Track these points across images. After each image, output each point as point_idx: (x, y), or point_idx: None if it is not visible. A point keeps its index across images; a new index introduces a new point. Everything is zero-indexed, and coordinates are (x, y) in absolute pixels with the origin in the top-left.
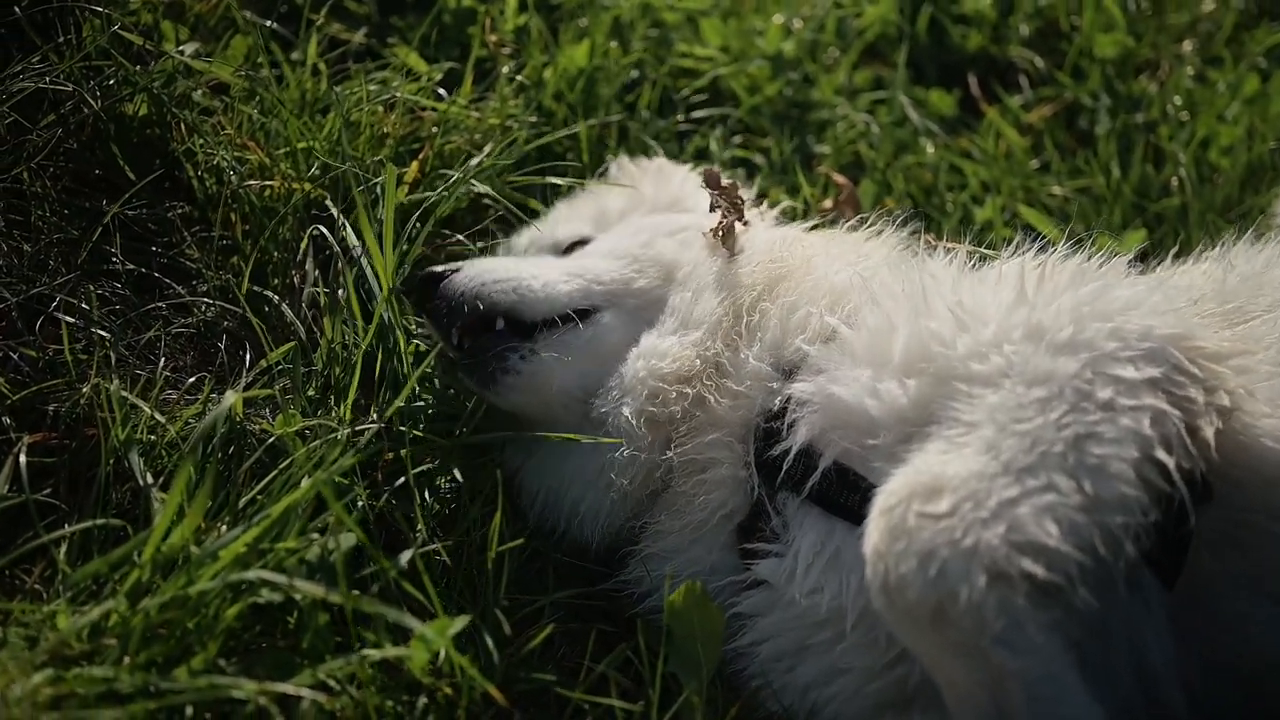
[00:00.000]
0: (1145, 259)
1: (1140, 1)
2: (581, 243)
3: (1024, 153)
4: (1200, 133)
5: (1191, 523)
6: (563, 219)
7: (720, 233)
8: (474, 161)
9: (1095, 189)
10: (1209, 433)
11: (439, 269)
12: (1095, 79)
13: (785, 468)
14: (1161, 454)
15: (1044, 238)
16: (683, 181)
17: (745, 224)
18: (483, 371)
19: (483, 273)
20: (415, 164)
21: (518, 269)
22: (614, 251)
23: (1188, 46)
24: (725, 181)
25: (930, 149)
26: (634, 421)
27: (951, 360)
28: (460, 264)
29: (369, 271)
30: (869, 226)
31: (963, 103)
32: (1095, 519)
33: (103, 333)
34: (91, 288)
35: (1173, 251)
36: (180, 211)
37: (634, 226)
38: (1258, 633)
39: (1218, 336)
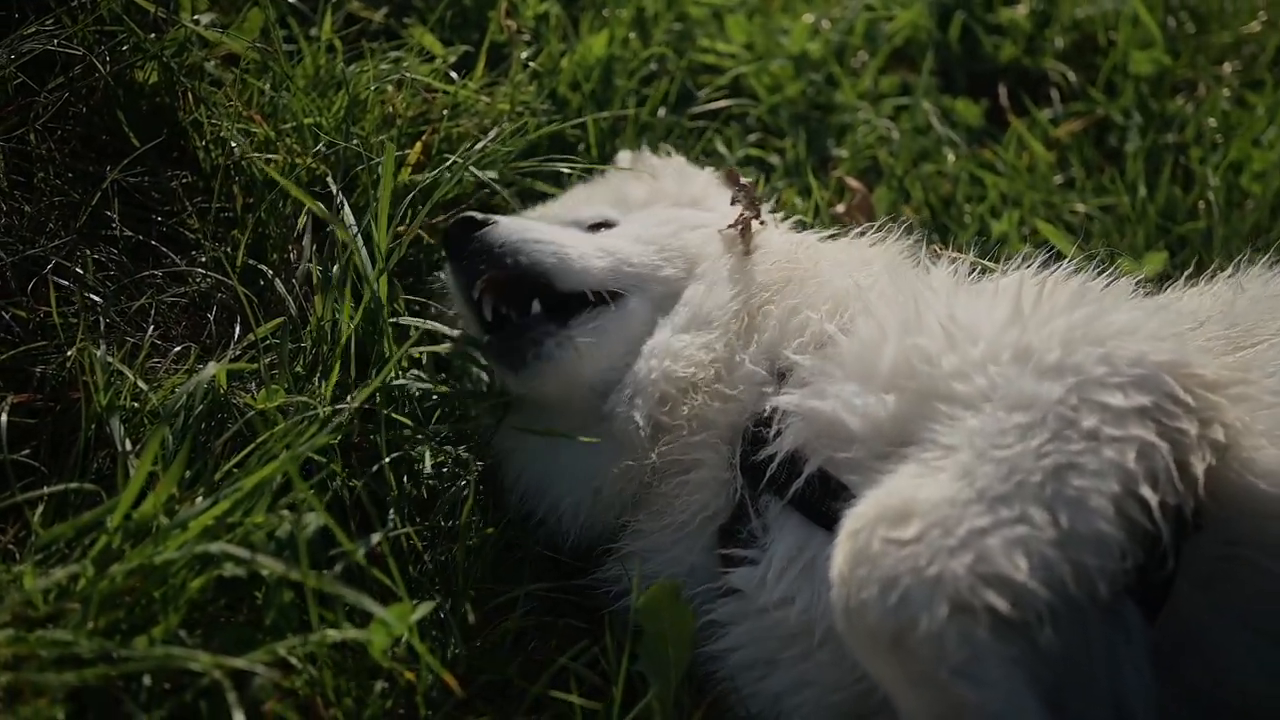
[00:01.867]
0: (1164, 282)
1: (1182, 19)
2: (605, 224)
3: (1048, 167)
4: (1233, 156)
5: (1170, 565)
6: (583, 199)
7: (739, 228)
8: (478, 146)
9: (1119, 208)
10: (1199, 469)
11: (478, 215)
12: (1128, 96)
13: (770, 472)
14: (1146, 490)
15: (1055, 252)
16: (705, 183)
17: (762, 223)
18: (514, 353)
19: (522, 229)
20: (419, 145)
21: (555, 233)
22: (642, 237)
23: (1228, 68)
24: (745, 180)
25: (951, 158)
26: (643, 427)
27: (935, 378)
28: (496, 217)
29: (361, 250)
30: (877, 232)
31: (990, 113)
32: (1068, 555)
33: (95, 297)
34: (88, 252)
35: (1185, 274)
36: (183, 181)
37: (660, 216)
38: (1240, 666)
39: (1217, 363)
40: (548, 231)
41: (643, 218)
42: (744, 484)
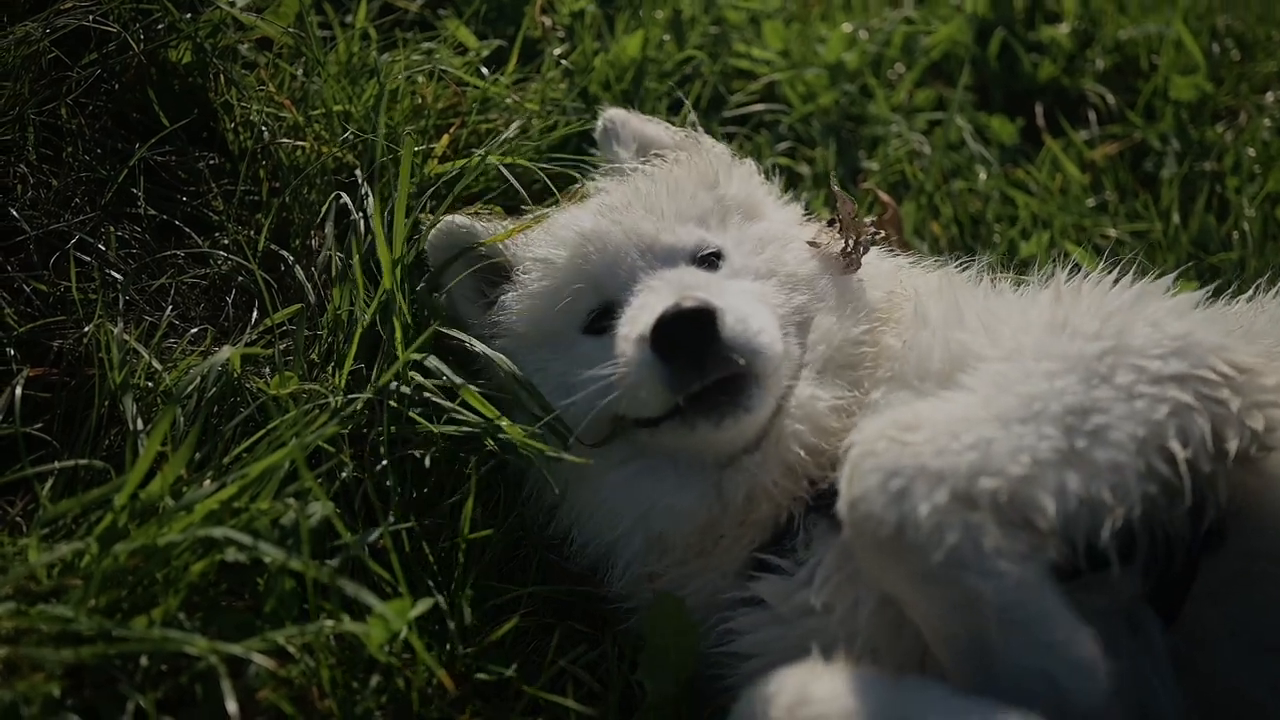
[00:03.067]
0: None
1: (1227, 46)
2: (715, 255)
3: (1082, 190)
4: (1270, 187)
5: (1180, 562)
6: (668, 219)
7: (846, 250)
8: (501, 140)
9: (1152, 234)
10: (1234, 445)
11: (710, 303)
12: (1168, 121)
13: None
14: (1175, 445)
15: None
16: (757, 184)
17: (866, 246)
18: (724, 409)
19: (743, 318)
20: (446, 138)
21: (761, 314)
22: (760, 272)
23: (1270, 98)
24: (847, 199)
25: (983, 176)
26: (767, 488)
27: (970, 349)
28: (716, 304)
29: (380, 239)
30: (964, 261)
31: (1025, 132)
32: (1080, 477)
33: (115, 274)
34: (112, 229)
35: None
36: (210, 163)
37: (753, 242)
38: (1247, 678)
39: (1262, 358)
40: (757, 314)
41: (741, 246)
42: (804, 510)
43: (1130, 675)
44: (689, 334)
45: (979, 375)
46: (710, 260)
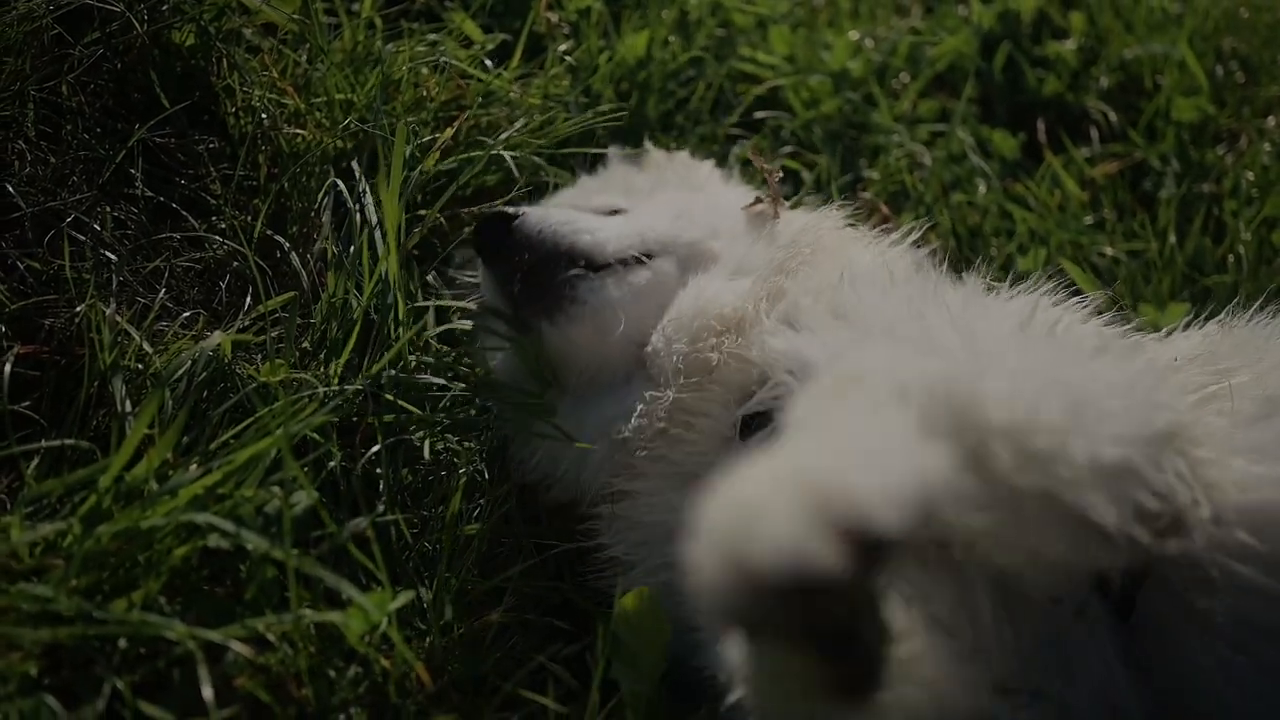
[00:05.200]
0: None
1: (1232, 69)
2: (617, 212)
3: (1080, 207)
4: (1267, 212)
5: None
6: (591, 191)
7: (771, 199)
8: (503, 136)
9: (1148, 254)
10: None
11: (510, 209)
12: (1169, 142)
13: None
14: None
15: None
16: (709, 173)
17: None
18: (548, 300)
19: (554, 215)
20: (449, 131)
21: (584, 217)
22: (658, 213)
23: (1272, 122)
24: (767, 165)
25: (983, 189)
26: (678, 359)
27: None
28: (523, 208)
29: (377, 229)
30: (901, 238)
31: (1026, 147)
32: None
33: (110, 255)
34: (108, 209)
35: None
36: (209, 146)
37: (670, 197)
38: (1209, 673)
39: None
40: (571, 215)
41: (653, 202)
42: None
43: (1084, 666)
44: (492, 233)
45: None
46: (612, 214)
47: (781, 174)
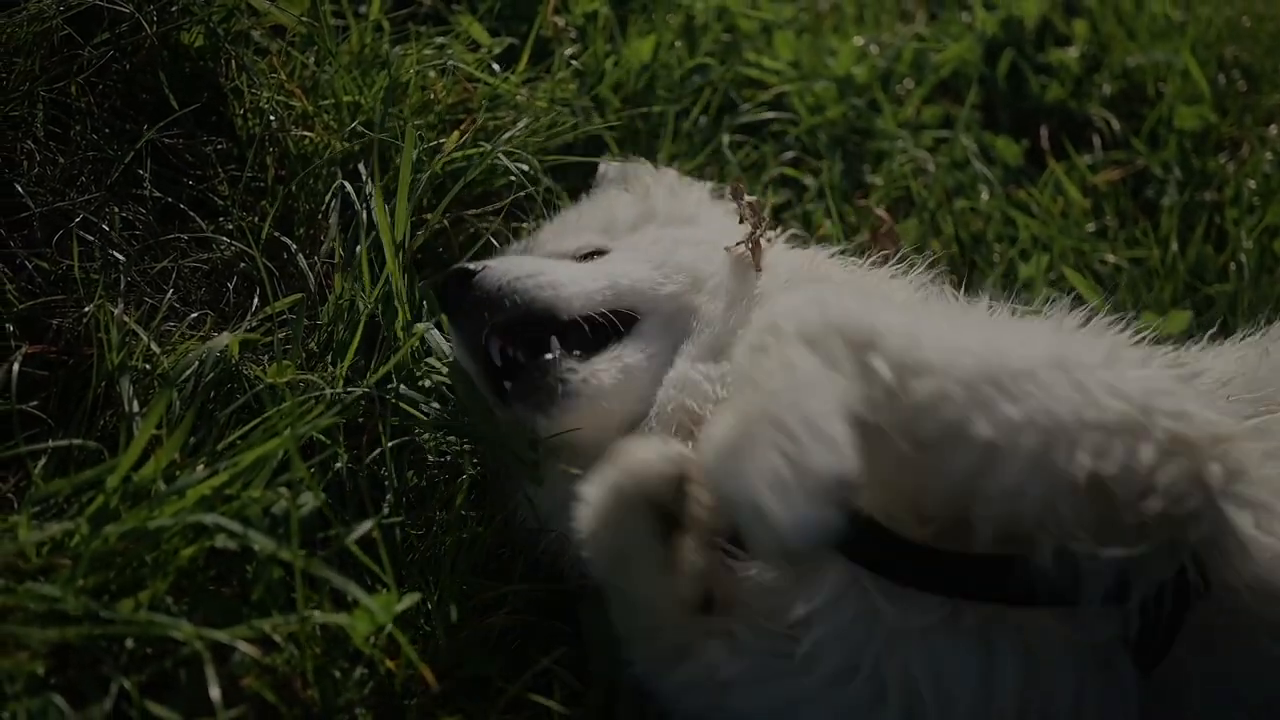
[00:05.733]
0: (1186, 339)
1: (1234, 77)
2: (597, 253)
3: (1082, 214)
4: (1269, 220)
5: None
6: (570, 228)
7: (749, 246)
8: (506, 136)
9: (1149, 262)
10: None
11: (470, 265)
12: (1171, 149)
13: None
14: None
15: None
16: (698, 200)
17: (768, 241)
18: (541, 393)
19: (514, 267)
20: (455, 134)
21: (545, 265)
22: (635, 258)
23: (1274, 130)
24: (750, 197)
25: (986, 196)
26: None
27: None
28: (486, 261)
29: (383, 229)
30: (897, 263)
31: (1029, 154)
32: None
33: (118, 255)
34: (116, 210)
35: (1209, 334)
36: (218, 147)
37: (652, 236)
38: None
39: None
40: (538, 265)
41: (634, 240)
42: None
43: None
44: (454, 290)
45: None
46: (589, 256)
47: (756, 199)
